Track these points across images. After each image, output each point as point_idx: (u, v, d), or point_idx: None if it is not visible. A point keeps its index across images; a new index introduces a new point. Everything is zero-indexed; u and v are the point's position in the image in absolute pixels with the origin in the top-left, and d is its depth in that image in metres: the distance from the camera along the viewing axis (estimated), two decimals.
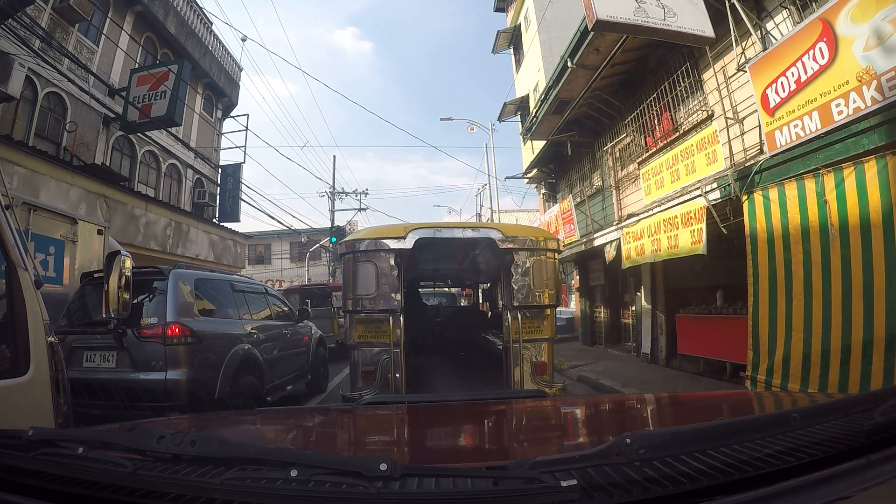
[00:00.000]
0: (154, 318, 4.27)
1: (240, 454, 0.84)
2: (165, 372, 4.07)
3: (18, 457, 0.88)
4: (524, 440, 1.53)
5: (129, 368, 4.11)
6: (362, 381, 4.36)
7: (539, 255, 4.45)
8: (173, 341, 4.16)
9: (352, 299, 4.44)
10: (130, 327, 4.07)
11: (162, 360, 4.09)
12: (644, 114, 8.28)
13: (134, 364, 4.11)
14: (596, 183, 10.95)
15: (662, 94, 7.76)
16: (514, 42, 17.38)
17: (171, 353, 4.13)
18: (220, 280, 5.45)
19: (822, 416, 0.93)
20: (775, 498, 0.73)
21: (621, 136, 9.21)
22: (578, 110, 9.60)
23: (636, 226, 7.39)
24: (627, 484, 0.73)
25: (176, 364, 4.12)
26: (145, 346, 4.14)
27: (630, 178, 9.21)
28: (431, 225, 4.62)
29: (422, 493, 0.76)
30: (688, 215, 6.04)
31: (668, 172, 7.03)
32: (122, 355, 4.13)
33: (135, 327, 4.14)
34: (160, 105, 9.98)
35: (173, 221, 11.78)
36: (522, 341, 4.33)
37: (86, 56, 10.00)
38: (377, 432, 1.67)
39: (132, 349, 4.12)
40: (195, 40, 13.51)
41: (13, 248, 1.82)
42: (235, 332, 4.98)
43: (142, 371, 4.09)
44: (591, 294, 12.77)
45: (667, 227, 6.50)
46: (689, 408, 1.85)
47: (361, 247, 4.43)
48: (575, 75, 8.48)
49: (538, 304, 4.44)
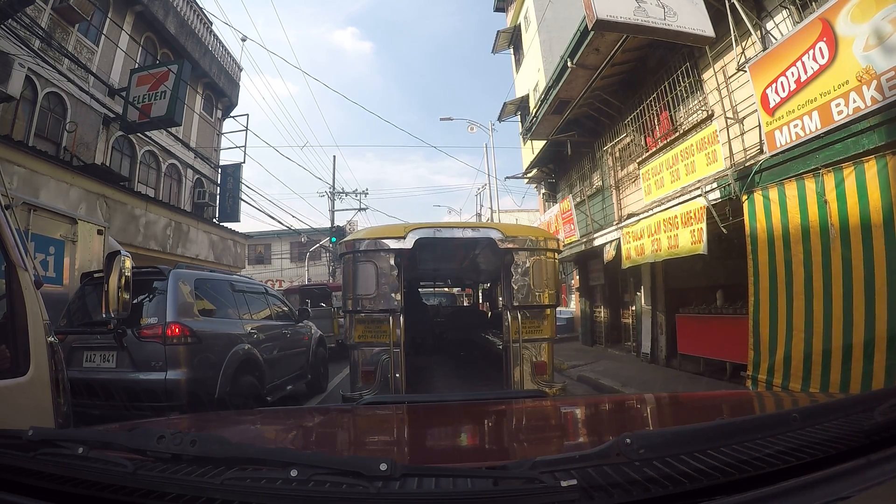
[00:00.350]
0: (154, 318, 4.26)
1: (240, 454, 0.84)
2: (165, 372, 4.06)
3: (18, 457, 0.88)
4: (524, 440, 1.53)
5: (129, 368, 4.11)
6: (362, 381, 4.36)
7: (539, 255, 4.45)
8: (173, 341, 4.15)
9: (352, 299, 4.43)
10: (130, 327, 4.06)
11: (162, 360, 4.09)
12: (644, 114, 8.26)
13: (134, 364, 4.11)
14: (596, 183, 10.93)
15: (662, 93, 7.75)
16: (514, 42, 17.38)
17: (171, 353, 4.12)
18: (219, 280, 5.45)
19: (823, 416, 0.93)
20: (775, 498, 0.73)
21: (621, 135, 9.19)
22: (578, 110, 9.58)
23: (636, 226, 7.38)
24: (627, 484, 0.73)
25: (176, 364, 4.11)
26: (145, 346, 4.13)
27: (630, 178, 9.20)
28: (431, 225, 4.61)
29: (422, 493, 0.76)
30: (688, 215, 6.03)
31: (668, 172, 7.02)
32: (123, 355, 4.12)
33: (135, 327, 4.13)
34: (160, 105, 9.95)
35: (173, 221, 11.75)
36: (522, 341, 4.33)
37: (86, 56, 9.99)
38: (377, 432, 1.67)
39: (132, 349, 4.11)
40: (195, 40, 13.50)
41: (13, 248, 1.83)
42: (235, 332, 4.97)
43: (142, 371, 4.08)
44: (591, 294, 12.73)
45: (667, 226, 6.49)
46: (689, 408, 1.85)
47: (361, 247, 4.42)
48: (575, 75, 8.47)
49: (538, 304, 4.44)
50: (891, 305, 3.63)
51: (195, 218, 13.13)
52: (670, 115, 7.82)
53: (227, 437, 0.93)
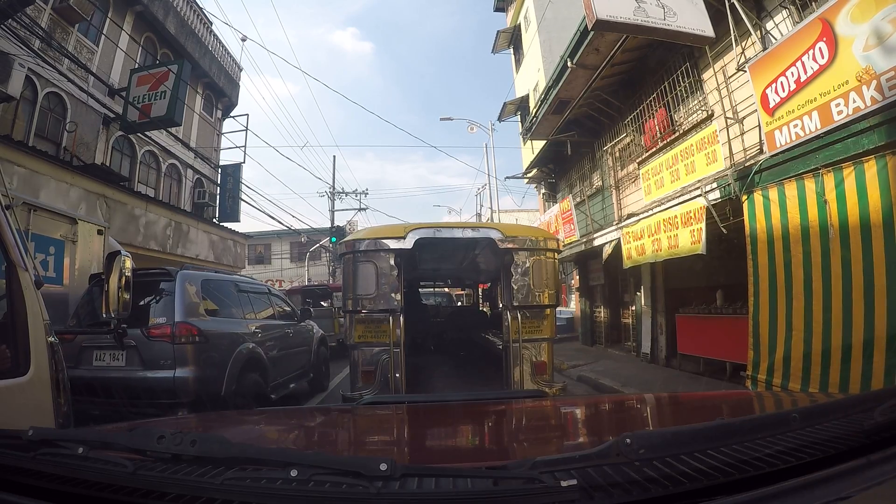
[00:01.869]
0: (163, 318, 4.34)
1: (240, 454, 0.84)
2: (174, 370, 4.14)
3: (18, 457, 0.88)
4: (524, 440, 1.53)
5: (138, 367, 4.19)
6: (362, 381, 4.37)
7: (539, 255, 4.46)
8: (181, 340, 4.23)
9: (352, 299, 4.44)
10: (138, 327, 4.14)
11: (170, 359, 4.17)
12: (644, 114, 8.21)
13: (143, 362, 4.19)
14: (596, 183, 10.89)
15: (662, 93, 7.71)
16: (514, 42, 17.36)
17: (180, 352, 4.20)
18: (224, 280, 5.54)
19: (822, 416, 0.93)
20: (775, 498, 0.73)
21: (621, 135, 9.14)
22: (578, 110, 9.53)
23: (636, 225, 7.36)
24: (627, 484, 0.73)
25: (184, 362, 4.19)
26: (154, 346, 4.21)
27: (630, 178, 9.17)
28: (431, 225, 4.62)
29: (422, 493, 0.76)
30: (687, 215, 6.02)
31: (667, 172, 6.99)
32: (132, 354, 4.20)
33: (143, 327, 4.22)
34: (160, 105, 9.89)
35: (173, 221, 11.67)
36: (522, 341, 4.33)
37: (85, 56, 9.95)
38: (377, 432, 1.67)
39: (141, 348, 4.19)
40: (195, 40, 13.47)
41: (13, 248, 1.83)
42: (240, 332, 5.05)
43: (150, 369, 4.16)
44: (591, 294, 12.71)
45: (667, 226, 6.48)
46: (689, 408, 1.85)
47: (361, 247, 4.44)
48: (575, 75, 8.44)
49: (538, 304, 4.44)
50: (890, 305, 3.63)
51: (195, 218, 13.06)
52: (670, 115, 7.78)
53: (227, 437, 0.93)
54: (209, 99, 15.27)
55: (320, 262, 28.54)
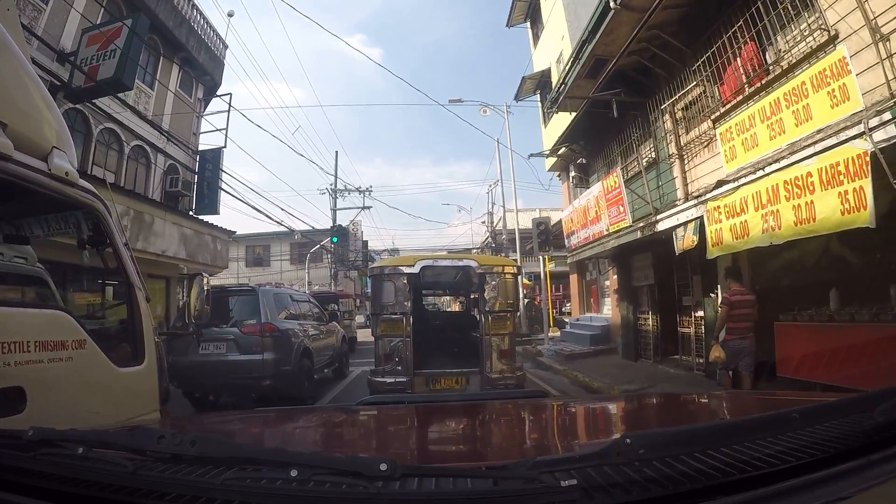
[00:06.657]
0: (253, 320, 6.47)
1: (240, 454, 0.84)
2: (262, 354, 6.25)
3: (18, 457, 0.88)
4: (524, 440, 1.53)
5: (235, 353, 6.29)
6: (384, 362, 5.90)
7: (503, 277, 6.15)
8: (267, 334, 6.38)
9: (378, 305, 6.16)
10: (235, 326, 6.42)
11: (259, 347, 6.27)
12: (720, 54, 6.24)
13: (239, 349, 6.29)
14: (648, 154, 8.81)
15: (750, 22, 5.73)
16: (532, 14, 16.11)
17: (266, 343, 6.34)
18: (284, 293, 8.30)
19: (822, 416, 0.93)
20: (775, 498, 0.74)
21: (687, 86, 7.12)
22: (627, 58, 7.54)
23: (731, 196, 5.53)
24: (627, 484, 0.73)
25: (269, 349, 6.32)
26: (248, 338, 6.33)
27: (700, 143, 7.28)
28: (432, 256, 7.28)
29: (422, 493, 0.76)
30: (834, 169, 4.18)
31: (763, 127, 5.32)
32: (231, 345, 6.31)
33: (239, 326, 6.43)
34: (108, 65, 8.24)
35: (132, 210, 9.33)
36: (492, 335, 5.96)
37: (30, 14, 8.18)
38: (377, 432, 1.67)
39: (238, 340, 6.31)
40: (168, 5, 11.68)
41: (132, 274, 2.45)
42: (296, 329, 7.30)
43: (244, 354, 6.26)
44: (636, 297, 10.44)
45: (792, 191, 4.63)
46: (690, 408, 1.86)
47: (385, 272, 6.19)
48: (618, 21, 6.83)
49: (503, 310, 6.10)
50: None
51: (163, 208, 10.97)
52: (761, 50, 5.98)
53: (227, 437, 0.94)
54: (188, 77, 13.49)
55: (321, 263, 27.66)
